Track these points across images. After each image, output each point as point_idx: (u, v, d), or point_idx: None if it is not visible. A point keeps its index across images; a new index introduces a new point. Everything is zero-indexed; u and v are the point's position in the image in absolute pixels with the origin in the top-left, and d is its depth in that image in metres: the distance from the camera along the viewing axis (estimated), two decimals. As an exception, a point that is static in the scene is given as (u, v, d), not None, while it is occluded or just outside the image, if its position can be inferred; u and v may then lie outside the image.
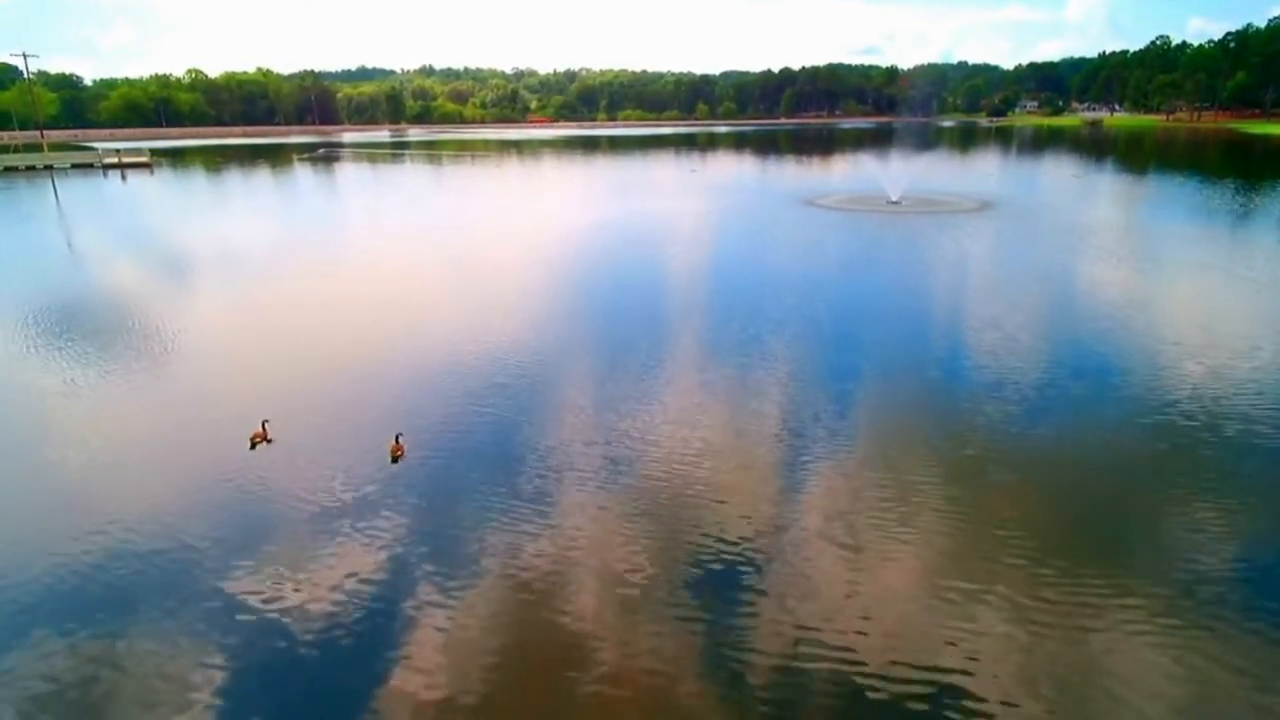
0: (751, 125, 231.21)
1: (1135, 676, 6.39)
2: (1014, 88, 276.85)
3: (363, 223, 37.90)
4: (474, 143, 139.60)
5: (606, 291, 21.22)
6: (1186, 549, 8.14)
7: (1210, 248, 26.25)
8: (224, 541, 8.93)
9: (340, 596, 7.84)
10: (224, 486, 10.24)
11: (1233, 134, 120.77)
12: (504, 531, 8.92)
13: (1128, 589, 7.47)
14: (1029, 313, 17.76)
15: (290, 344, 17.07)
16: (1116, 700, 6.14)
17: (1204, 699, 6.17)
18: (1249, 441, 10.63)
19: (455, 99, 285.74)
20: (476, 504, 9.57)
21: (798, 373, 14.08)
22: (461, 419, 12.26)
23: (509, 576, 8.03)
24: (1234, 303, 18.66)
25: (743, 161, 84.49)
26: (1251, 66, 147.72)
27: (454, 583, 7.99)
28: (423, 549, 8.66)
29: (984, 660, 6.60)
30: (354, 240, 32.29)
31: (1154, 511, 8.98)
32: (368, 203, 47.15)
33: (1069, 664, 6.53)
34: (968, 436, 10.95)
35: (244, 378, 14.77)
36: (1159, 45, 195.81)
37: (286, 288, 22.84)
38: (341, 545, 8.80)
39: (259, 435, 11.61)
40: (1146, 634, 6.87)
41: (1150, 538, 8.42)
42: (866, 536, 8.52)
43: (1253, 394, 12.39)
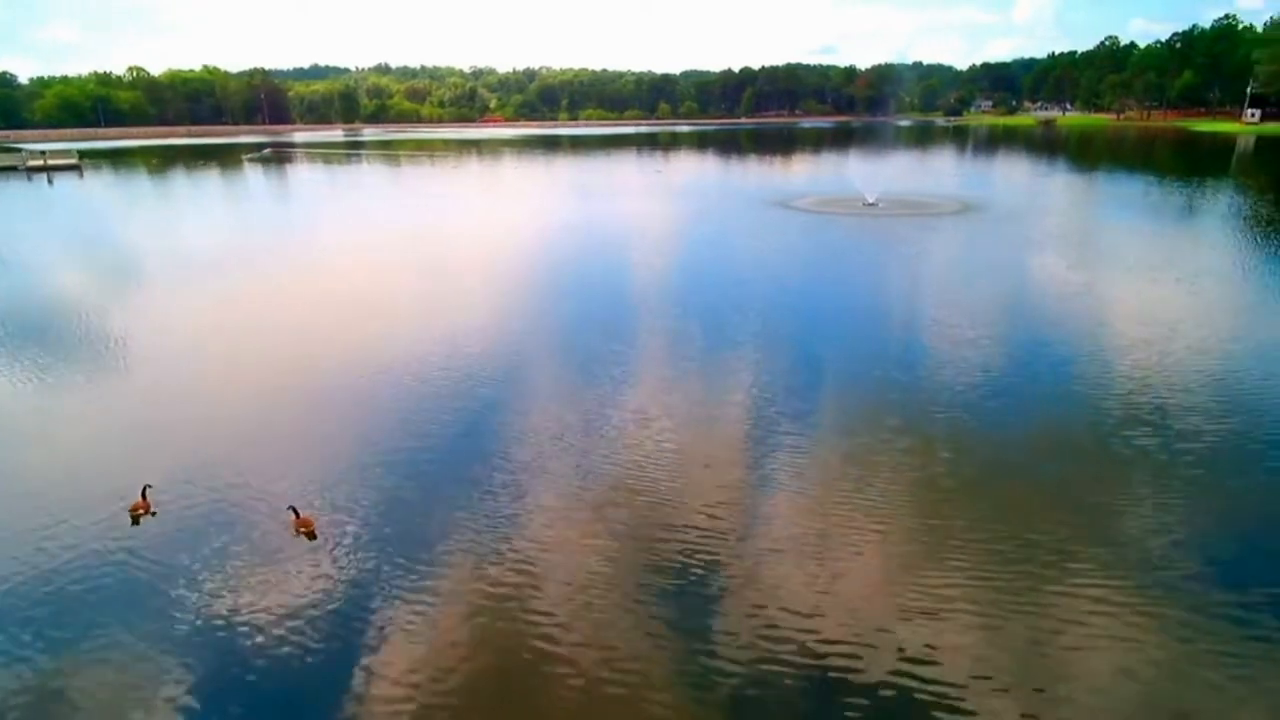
0: (714, 124, 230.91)
1: (1084, 650, 6.63)
2: (969, 87, 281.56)
3: (306, 229, 35.09)
4: (432, 142, 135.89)
5: (574, 303, 19.17)
6: (1131, 531, 8.49)
7: (1167, 248, 25.73)
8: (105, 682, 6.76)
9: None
10: (96, 576, 8.02)
11: (1181, 132, 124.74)
12: (466, 551, 8.51)
13: (1078, 570, 7.74)
14: (1014, 315, 17.20)
15: (198, 380, 14.42)
16: (1069, 675, 6.36)
17: (1150, 670, 6.42)
18: (1190, 430, 11.00)
19: (412, 98, 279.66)
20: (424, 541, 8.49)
21: (790, 377, 12.96)
22: (407, 452, 10.34)
23: (474, 587, 7.81)
24: (1186, 302, 18.11)
25: (707, 161, 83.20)
26: (1198, 66, 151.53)
27: (416, 595, 7.68)
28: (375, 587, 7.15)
29: (944, 644, 6.73)
30: (293, 249, 29.48)
31: (1102, 497, 9.25)
32: (315, 206, 44.24)
33: (1024, 642, 6.74)
34: (931, 431, 11.09)
35: (128, 430, 12.25)
36: (1107, 46, 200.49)
37: (205, 307, 20.10)
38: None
39: (140, 506, 9.30)
40: (1095, 610, 7.14)
41: (1098, 522, 8.69)
42: (830, 528, 8.65)
43: (1199, 388, 12.58)
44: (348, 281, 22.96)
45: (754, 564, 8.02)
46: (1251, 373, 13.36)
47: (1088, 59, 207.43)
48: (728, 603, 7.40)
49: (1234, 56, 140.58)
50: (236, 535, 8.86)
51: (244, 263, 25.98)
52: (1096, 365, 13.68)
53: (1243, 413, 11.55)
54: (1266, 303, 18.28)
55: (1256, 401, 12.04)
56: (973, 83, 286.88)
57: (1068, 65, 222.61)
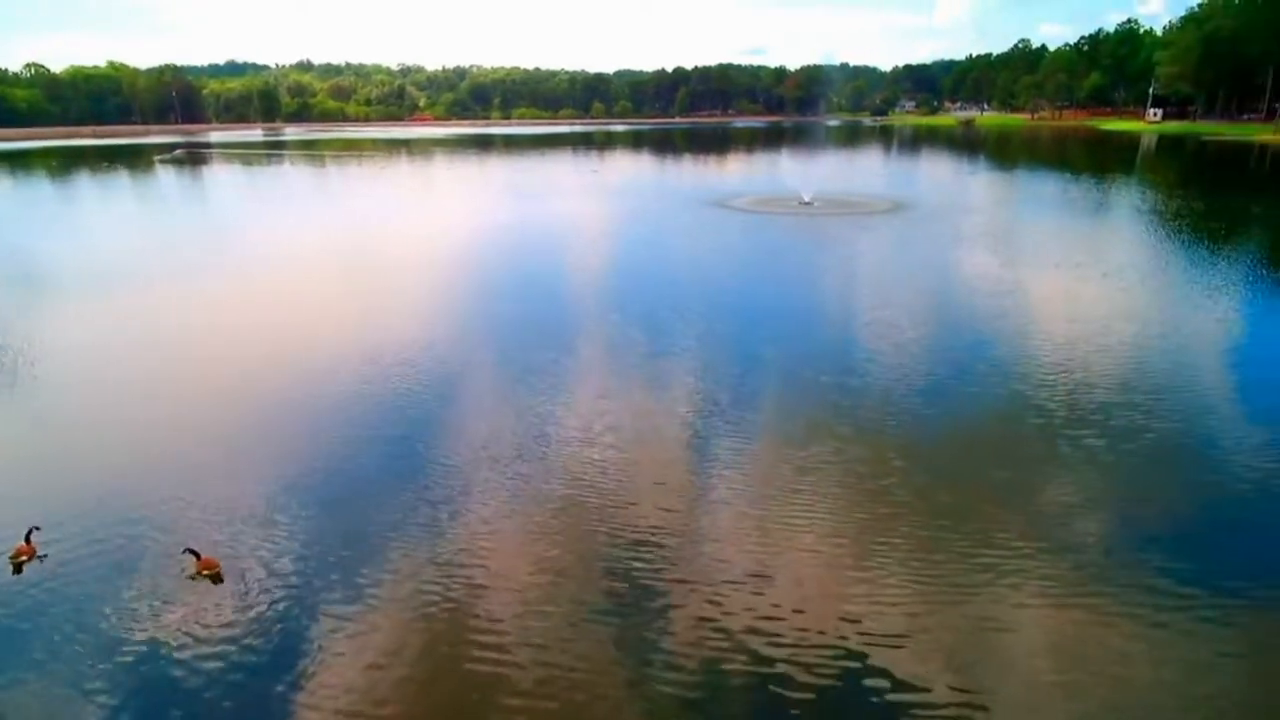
0: (648, 124, 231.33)
1: (1017, 631, 6.92)
2: (893, 88, 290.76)
3: (223, 235, 33.07)
4: (359, 142, 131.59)
5: (510, 309, 18.43)
6: (1058, 515, 8.80)
7: (1090, 244, 26.70)
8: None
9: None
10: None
11: (1090, 130, 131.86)
12: (403, 562, 8.23)
13: (1008, 553, 8.02)
14: (952, 313, 17.38)
15: (96, 404, 13.11)
16: (1004, 656, 6.62)
17: (1075, 647, 6.69)
18: (1123, 423, 11.32)
19: (336, 96, 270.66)
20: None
21: (732, 381, 12.57)
22: (336, 468, 9.49)
23: (410, 615, 7.46)
24: (1114, 298, 18.74)
25: (643, 161, 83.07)
26: (1104, 68, 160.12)
27: (344, 629, 7.27)
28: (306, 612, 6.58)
29: (888, 630, 6.91)
30: (208, 257, 27.56)
31: (1037, 487, 9.55)
32: (234, 211, 41.91)
33: (960, 625, 6.96)
34: (872, 430, 11.24)
35: (12, 464, 10.99)
36: (1021, 48, 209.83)
37: (104, 322, 18.46)
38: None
39: (24, 552, 8.28)
40: (1025, 591, 7.43)
41: (1027, 507, 8.99)
42: (772, 522, 8.76)
43: (1133, 382, 12.93)
44: (267, 291, 21.61)
45: (698, 568, 7.96)
46: (1182, 366, 13.81)
47: (1003, 61, 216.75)
48: (672, 611, 7.29)
49: (1136, 59, 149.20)
50: (135, 580, 7.92)
51: (152, 273, 24.17)
52: (1032, 361, 13.87)
53: (1174, 405, 11.85)
54: (1190, 296, 18.98)
55: (1187, 394, 12.40)
56: (897, 84, 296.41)
57: (985, 67, 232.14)
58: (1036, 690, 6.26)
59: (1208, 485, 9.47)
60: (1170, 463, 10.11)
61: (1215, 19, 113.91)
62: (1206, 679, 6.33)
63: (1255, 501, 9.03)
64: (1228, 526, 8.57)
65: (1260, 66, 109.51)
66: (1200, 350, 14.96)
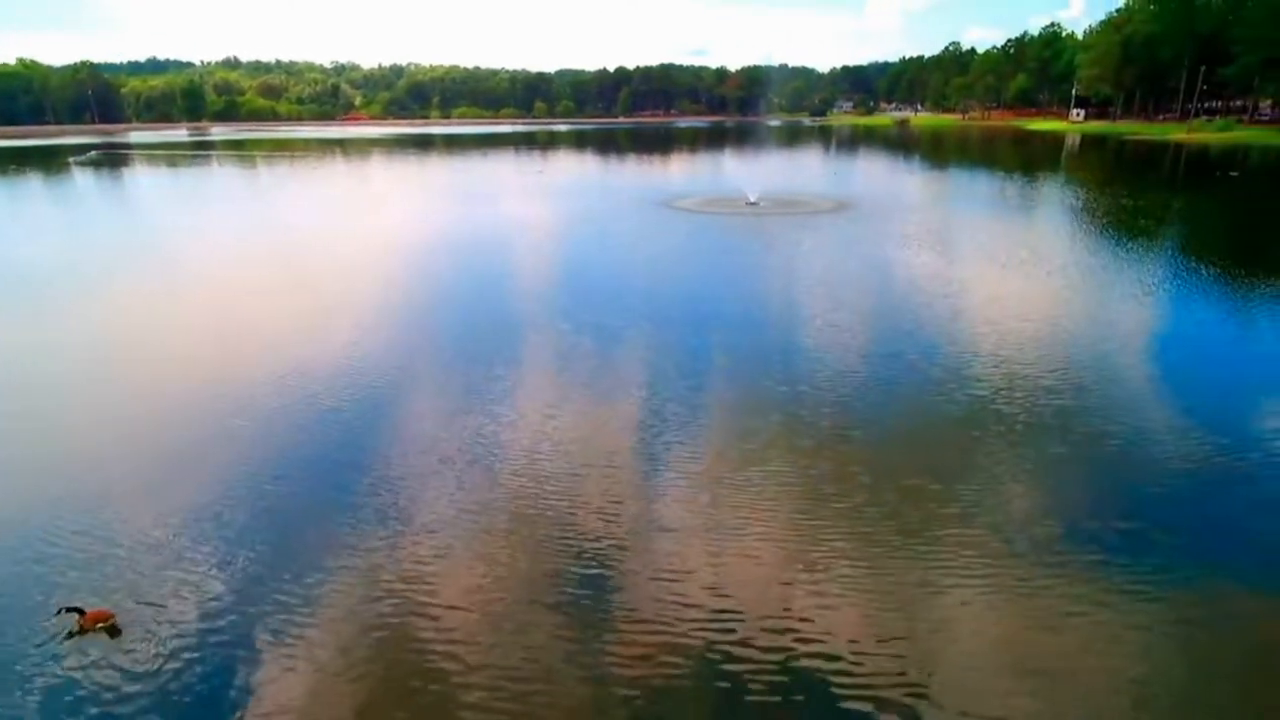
0: (591, 124, 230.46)
1: (963, 618, 7.07)
2: (830, 89, 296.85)
3: (141, 241, 31.02)
4: (291, 142, 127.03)
5: (454, 316, 17.61)
6: (1002, 505, 9.01)
7: (1030, 242, 27.17)
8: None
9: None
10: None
11: (1017, 130, 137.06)
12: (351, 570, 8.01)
13: (954, 544, 8.15)
14: (893, 310, 17.41)
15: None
16: (953, 643, 6.76)
17: (1021, 631, 6.91)
18: (1053, 410, 11.72)
19: (266, 94, 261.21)
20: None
21: (686, 384, 12.13)
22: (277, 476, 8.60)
23: (363, 608, 7.39)
24: (1059, 295, 19.01)
25: (587, 161, 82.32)
26: (1029, 70, 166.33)
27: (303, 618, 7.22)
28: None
29: (838, 624, 7.02)
30: (125, 265, 25.76)
31: (977, 476, 9.74)
32: (154, 215, 39.47)
33: (910, 618, 7.08)
34: (818, 425, 11.33)
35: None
36: (951, 51, 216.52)
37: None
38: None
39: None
40: (973, 580, 7.58)
41: (971, 499, 9.12)
42: (722, 520, 8.77)
43: (1084, 379, 13.15)
44: (189, 301, 20.21)
45: (648, 571, 7.90)
46: (1129, 361, 14.15)
47: (935, 63, 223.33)
48: (623, 615, 7.24)
49: (1059, 61, 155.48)
50: (18, 637, 6.96)
51: (61, 282, 22.37)
52: (980, 358, 13.88)
53: (1117, 400, 12.06)
54: (1135, 293, 19.34)
55: (1131, 388, 12.69)
56: (834, 85, 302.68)
57: (918, 69, 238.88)
58: (983, 676, 6.44)
59: (1147, 475, 9.70)
60: (1112, 455, 10.26)
61: (1133, 23, 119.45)
62: (1147, 659, 6.58)
63: (1194, 488, 9.38)
64: (1169, 514, 8.81)
65: (1173, 69, 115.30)
66: (1145, 344, 15.35)
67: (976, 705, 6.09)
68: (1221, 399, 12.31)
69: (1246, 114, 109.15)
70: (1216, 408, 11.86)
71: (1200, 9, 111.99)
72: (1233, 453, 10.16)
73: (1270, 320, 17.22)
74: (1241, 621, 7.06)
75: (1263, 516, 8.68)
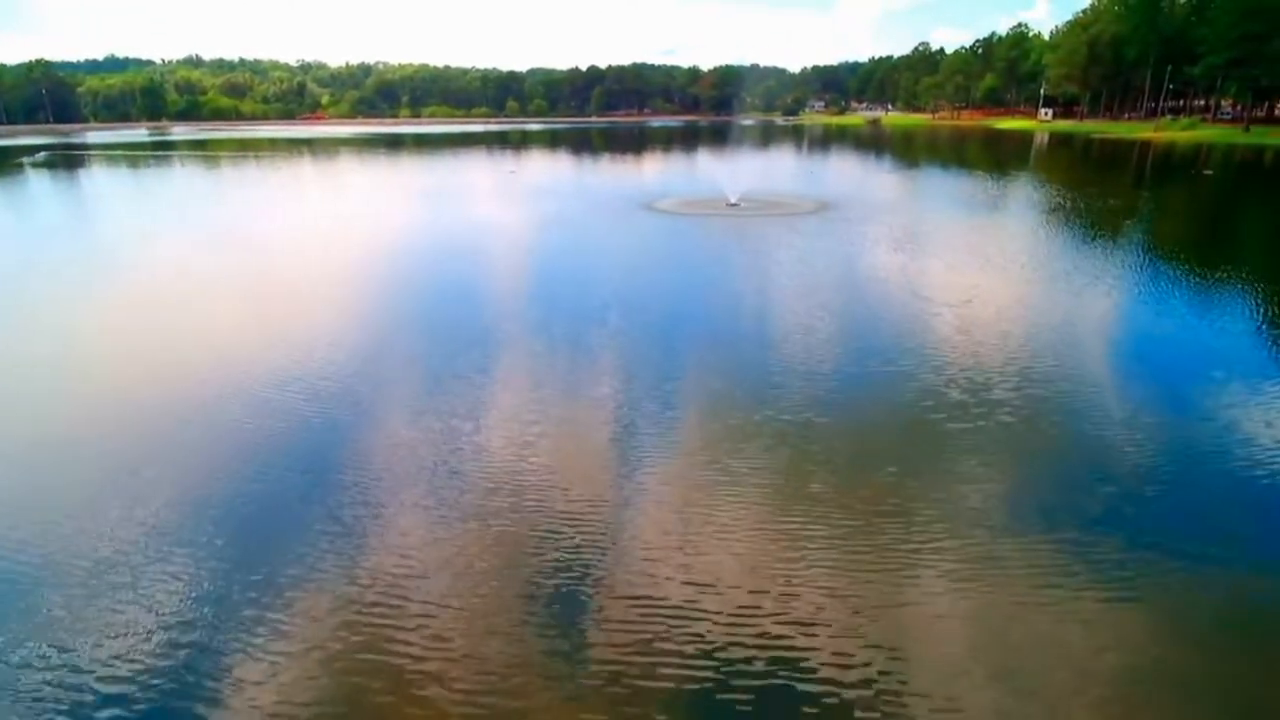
0: (564, 123, 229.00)
1: (930, 604, 7.21)
2: (802, 89, 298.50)
3: (97, 245, 29.32)
4: (256, 142, 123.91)
5: (428, 324, 16.46)
6: (967, 494, 9.17)
7: (1025, 245, 26.83)
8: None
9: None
10: None
11: (986, 129, 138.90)
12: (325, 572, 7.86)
13: (923, 532, 8.34)
14: (894, 316, 16.72)
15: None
16: (920, 629, 6.90)
17: (985, 609, 7.13)
18: (1014, 403, 11.95)
19: (230, 92, 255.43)
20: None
21: (676, 391, 11.16)
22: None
23: (338, 611, 7.20)
24: (1067, 302, 18.40)
25: (562, 161, 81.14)
26: (998, 70, 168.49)
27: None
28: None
29: (810, 613, 7.11)
30: (82, 271, 24.09)
31: (941, 467, 9.92)
32: (111, 218, 37.52)
33: (881, 606, 7.20)
34: (829, 456, 10.86)
35: None
36: (921, 51, 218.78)
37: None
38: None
39: None
40: (939, 567, 7.74)
41: (935, 489, 9.30)
42: (700, 516, 8.80)
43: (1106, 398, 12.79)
44: (149, 307, 18.88)
45: (626, 566, 7.90)
46: (1121, 356, 14.26)
47: (905, 63, 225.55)
48: (600, 609, 7.24)
49: (1026, 61, 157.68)
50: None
51: (11, 287, 20.80)
52: (980, 359, 13.18)
53: (1093, 392, 12.05)
54: (1130, 294, 18.94)
55: (1116, 380, 12.50)
56: (805, 84, 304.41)
57: (888, 69, 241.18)
58: (954, 662, 6.54)
59: (1111, 460, 9.97)
60: (1086, 443, 10.52)
61: (1099, 23, 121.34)
62: (1113, 642, 6.73)
63: (1154, 473, 9.66)
64: (1136, 502, 9.00)
65: (1138, 69, 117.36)
66: (1137, 341, 14.93)
67: (947, 690, 6.20)
68: (1201, 394, 12.42)
69: (1209, 113, 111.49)
70: (1192, 401, 12.10)
71: (1164, 10, 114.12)
72: (1208, 446, 10.40)
73: (1258, 316, 16.83)
74: (1209, 605, 7.25)
75: (1232, 504, 8.93)
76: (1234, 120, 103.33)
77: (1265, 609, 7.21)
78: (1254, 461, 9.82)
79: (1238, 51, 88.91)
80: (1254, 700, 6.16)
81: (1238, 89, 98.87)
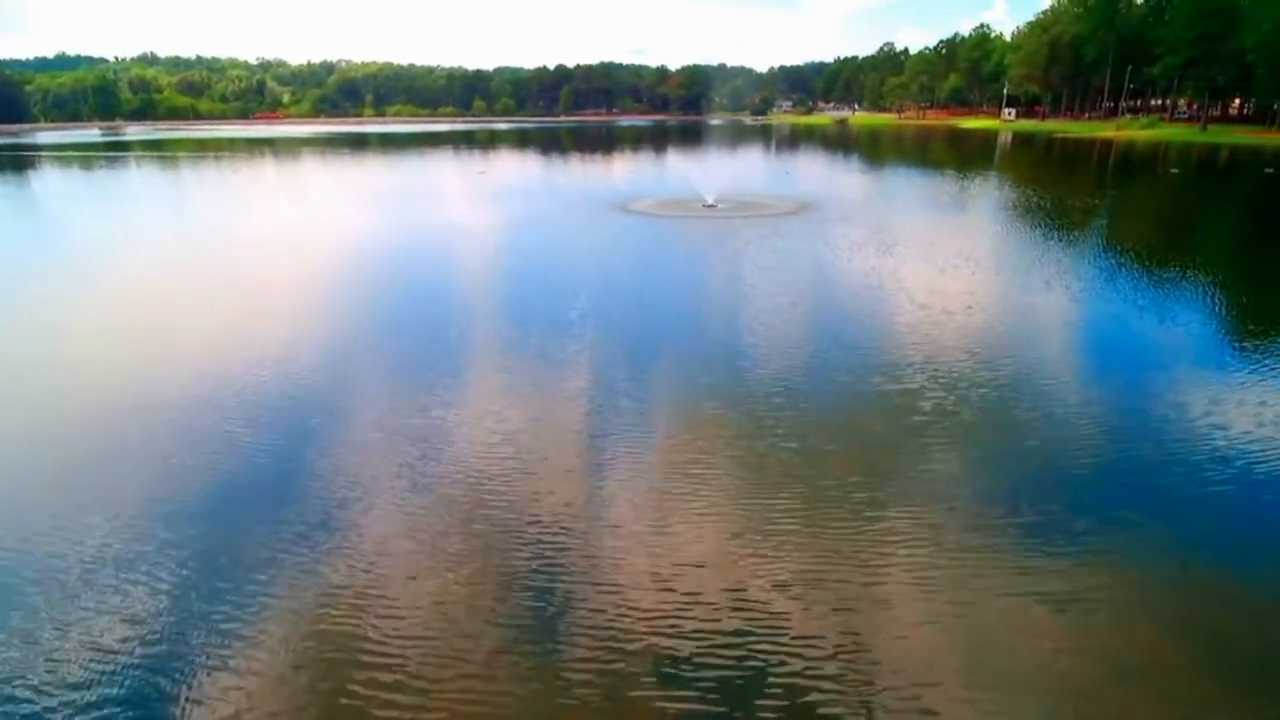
0: (532, 122, 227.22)
1: (899, 593, 7.30)
2: (770, 89, 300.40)
3: (46, 251, 27.61)
4: (215, 141, 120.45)
5: (396, 332, 15.51)
6: (931, 483, 9.35)
7: (1013, 249, 26.70)
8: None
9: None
10: None
11: (951, 129, 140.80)
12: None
13: (891, 523, 8.45)
14: (890, 322, 15.89)
15: None
16: (891, 617, 6.98)
17: (953, 602, 7.14)
18: (979, 399, 12.14)
19: (186, 91, 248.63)
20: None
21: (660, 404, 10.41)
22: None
23: (304, 613, 7.07)
24: (1064, 308, 18.16)
25: (531, 161, 79.98)
26: (961, 70, 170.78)
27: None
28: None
29: (780, 603, 7.17)
30: (30, 278, 22.54)
31: (905, 458, 10.10)
32: (62, 222, 35.58)
33: (850, 593, 7.29)
34: (761, 417, 11.44)
35: None
36: (886, 51, 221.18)
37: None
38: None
39: None
40: (907, 557, 7.83)
41: (901, 480, 9.47)
42: (670, 511, 8.82)
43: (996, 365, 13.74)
44: (99, 316, 17.68)
45: (600, 564, 7.87)
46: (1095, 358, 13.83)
47: (871, 63, 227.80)
48: (575, 606, 7.21)
49: (989, 62, 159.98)
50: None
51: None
52: (1011, 382, 12.69)
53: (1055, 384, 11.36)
54: (1142, 305, 18.56)
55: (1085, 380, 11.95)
56: (773, 84, 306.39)
57: (854, 69, 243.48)
58: (922, 650, 6.62)
59: (1069, 448, 10.21)
60: (1051, 435, 10.67)
61: (1059, 25, 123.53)
62: (1075, 629, 6.84)
63: (1116, 461, 9.94)
64: (1094, 492, 9.16)
65: (1097, 69, 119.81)
66: (1137, 340, 14.52)
67: (915, 678, 6.26)
68: (1168, 390, 12.54)
69: (1166, 112, 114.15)
70: (1155, 397, 12.19)
71: (1122, 11, 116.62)
72: (1171, 438, 10.58)
73: (1241, 312, 16.72)
74: (1167, 592, 7.45)
75: (1190, 494, 9.08)
76: (1191, 119, 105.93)
77: (1218, 591, 7.41)
78: (1220, 452, 10.02)
79: (1195, 51, 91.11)
80: (1208, 681, 6.30)
81: (1194, 89, 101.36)
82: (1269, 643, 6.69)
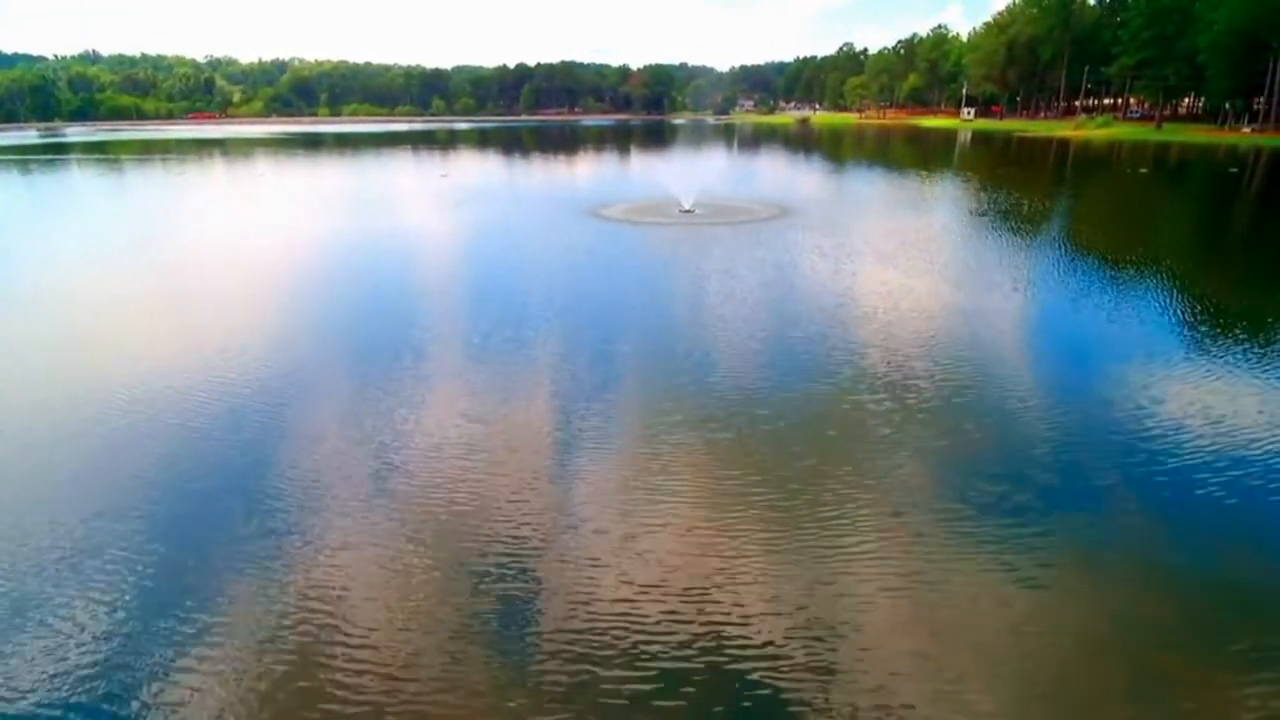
0: (493, 121, 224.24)
1: (865, 585, 7.49)
2: (732, 88, 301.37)
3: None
4: (162, 142, 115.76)
5: (358, 347, 14.01)
6: (895, 478, 9.57)
7: (993, 253, 26.16)
8: None
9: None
10: None
11: (911, 128, 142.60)
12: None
13: (855, 518, 8.61)
14: (888, 339, 14.87)
15: None
16: (856, 608, 7.15)
17: (920, 592, 7.36)
18: (945, 395, 12.45)
19: (130, 89, 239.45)
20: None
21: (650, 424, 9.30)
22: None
23: (268, 627, 6.93)
24: (1042, 315, 17.38)
25: (494, 162, 78.09)
26: (920, 70, 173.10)
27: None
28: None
29: (748, 601, 7.28)
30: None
31: (870, 453, 10.28)
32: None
33: (816, 582, 7.51)
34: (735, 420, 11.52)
35: None
36: (846, 51, 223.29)
37: None
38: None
39: None
40: (871, 550, 8.04)
41: (866, 475, 9.65)
42: (636, 512, 8.84)
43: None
44: (51, 325, 15.87)
45: (567, 568, 7.89)
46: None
47: (831, 63, 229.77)
48: (541, 611, 7.21)
49: (948, 61, 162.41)
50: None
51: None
52: (1011, 398, 11.79)
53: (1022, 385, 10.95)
54: (1142, 301, 18.08)
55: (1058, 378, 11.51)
56: (735, 84, 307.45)
57: (815, 69, 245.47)
58: (887, 639, 6.73)
59: (1034, 443, 10.53)
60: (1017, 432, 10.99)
61: (1015, 25, 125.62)
62: (1035, 614, 7.05)
63: (1083, 454, 10.19)
64: (1051, 481, 9.47)
65: (1053, 69, 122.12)
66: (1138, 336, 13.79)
67: (884, 667, 6.40)
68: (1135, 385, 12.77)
69: (1119, 111, 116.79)
70: (1119, 390, 12.53)
71: (1076, 12, 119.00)
72: (1129, 430, 10.88)
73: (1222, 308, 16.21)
74: (1120, 576, 7.68)
75: (1148, 482, 9.40)
76: (1143, 118, 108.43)
77: (1177, 576, 7.76)
78: (1176, 442, 10.42)
79: (1149, 52, 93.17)
80: (1163, 663, 6.52)
81: (1148, 88, 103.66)
82: (1220, 615, 7.06)
